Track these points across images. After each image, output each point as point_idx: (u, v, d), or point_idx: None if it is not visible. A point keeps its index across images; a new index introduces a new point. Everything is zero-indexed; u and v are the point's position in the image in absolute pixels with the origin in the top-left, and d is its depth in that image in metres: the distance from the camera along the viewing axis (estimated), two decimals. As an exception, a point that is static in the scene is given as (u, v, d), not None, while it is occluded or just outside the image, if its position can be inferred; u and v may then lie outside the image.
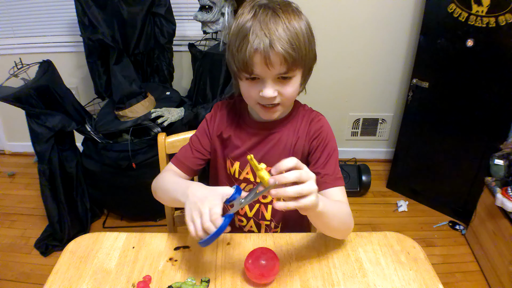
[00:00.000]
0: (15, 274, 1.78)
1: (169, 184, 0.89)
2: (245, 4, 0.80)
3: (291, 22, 0.76)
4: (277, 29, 0.74)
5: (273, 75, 0.78)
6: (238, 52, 0.78)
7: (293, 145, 0.93)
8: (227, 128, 0.96)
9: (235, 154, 0.95)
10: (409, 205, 2.25)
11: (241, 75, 0.82)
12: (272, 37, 0.74)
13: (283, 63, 0.76)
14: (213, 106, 1.00)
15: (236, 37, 0.78)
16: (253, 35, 0.75)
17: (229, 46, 0.82)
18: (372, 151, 2.67)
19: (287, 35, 0.75)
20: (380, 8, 2.17)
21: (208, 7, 1.84)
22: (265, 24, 0.74)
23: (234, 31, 0.79)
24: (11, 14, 2.30)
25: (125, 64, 1.92)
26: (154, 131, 1.92)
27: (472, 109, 1.90)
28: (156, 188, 0.94)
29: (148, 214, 2.11)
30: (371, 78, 2.40)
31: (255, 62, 0.76)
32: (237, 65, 0.79)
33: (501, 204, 1.61)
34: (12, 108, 1.71)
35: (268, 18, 0.75)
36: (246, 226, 1.02)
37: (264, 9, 0.76)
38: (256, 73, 0.79)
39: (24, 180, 2.48)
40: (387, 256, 0.86)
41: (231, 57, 0.81)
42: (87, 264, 0.83)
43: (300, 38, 0.77)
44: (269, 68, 0.76)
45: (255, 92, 0.82)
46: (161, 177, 0.94)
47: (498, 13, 1.65)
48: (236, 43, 0.78)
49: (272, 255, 0.78)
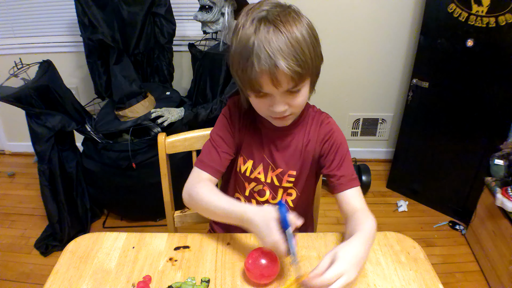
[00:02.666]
0: (15, 274, 1.78)
1: (213, 201, 0.85)
2: (244, 14, 0.77)
3: (293, 34, 0.73)
4: (280, 47, 0.72)
5: (282, 91, 0.78)
6: (243, 73, 0.76)
7: (304, 147, 0.93)
8: (244, 124, 0.95)
9: (250, 151, 0.95)
10: (409, 205, 2.25)
11: (248, 93, 0.81)
12: (277, 56, 0.71)
13: (290, 80, 0.75)
14: (228, 102, 0.97)
15: (239, 57, 0.76)
16: (256, 56, 0.72)
17: (233, 64, 0.80)
18: (372, 151, 2.67)
19: (291, 51, 0.72)
20: (380, 8, 2.18)
21: (208, 7, 1.84)
22: (268, 42, 0.72)
23: (236, 49, 0.77)
24: (11, 14, 2.30)
25: (125, 64, 1.92)
26: (154, 131, 1.92)
27: (472, 109, 1.90)
28: (192, 201, 0.90)
29: (148, 214, 2.11)
30: (371, 78, 2.40)
31: (262, 83, 0.75)
32: (243, 84, 0.79)
33: (501, 204, 1.61)
34: (12, 108, 1.71)
35: (270, 36, 0.72)
36: None
37: (265, 24, 0.73)
38: (265, 91, 0.78)
39: (24, 180, 2.48)
40: (387, 256, 0.86)
41: (236, 75, 0.80)
42: (87, 264, 0.83)
43: (305, 51, 0.74)
44: (277, 87, 0.76)
45: (264, 107, 0.82)
46: (199, 191, 0.88)
47: (498, 13, 1.65)
48: (240, 64, 0.76)
49: (272, 255, 0.78)
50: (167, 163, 1.11)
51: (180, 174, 1.48)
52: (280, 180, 0.95)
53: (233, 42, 0.78)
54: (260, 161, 0.94)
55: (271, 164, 0.94)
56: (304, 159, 0.94)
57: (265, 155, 0.94)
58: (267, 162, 0.94)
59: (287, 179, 0.95)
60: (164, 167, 1.10)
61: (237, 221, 0.80)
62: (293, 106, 0.82)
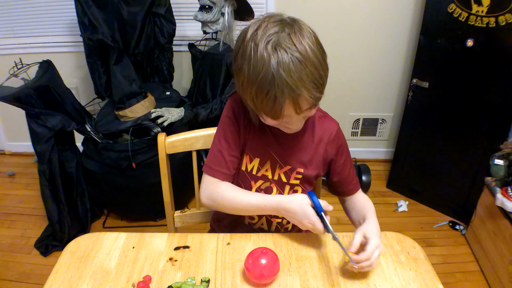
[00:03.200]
0: (15, 274, 1.78)
1: (242, 199, 0.91)
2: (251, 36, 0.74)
3: (309, 57, 0.72)
4: (301, 77, 0.71)
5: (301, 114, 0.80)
6: (262, 103, 0.75)
7: (315, 145, 0.95)
8: (248, 123, 0.94)
9: (256, 149, 0.94)
10: (409, 205, 2.25)
11: (264, 117, 0.81)
12: (300, 88, 0.72)
13: (312, 104, 0.77)
14: (230, 100, 0.95)
15: (257, 88, 0.74)
16: (279, 90, 0.71)
17: (245, 90, 0.77)
18: (372, 151, 2.67)
19: (311, 79, 0.73)
20: (380, 8, 2.18)
21: (208, 7, 1.84)
22: (288, 74, 0.70)
23: (251, 76, 0.73)
24: (11, 14, 2.30)
25: (125, 64, 1.92)
26: (154, 131, 1.92)
27: (472, 109, 1.90)
28: (217, 204, 0.93)
29: (148, 214, 2.11)
30: (371, 78, 2.40)
31: (284, 111, 0.76)
32: (260, 111, 0.79)
33: (501, 204, 1.61)
34: (12, 108, 1.71)
35: (288, 65, 0.70)
36: (256, 224, 1.02)
37: (280, 51, 0.71)
38: (285, 116, 0.78)
39: (24, 180, 2.48)
40: (387, 256, 0.86)
41: (251, 102, 0.78)
42: (87, 264, 0.83)
43: (321, 73, 0.75)
44: (298, 113, 0.77)
45: (280, 124, 0.84)
46: (223, 193, 0.92)
47: (498, 13, 1.65)
48: (258, 95, 0.74)
49: (272, 255, 0.78)
50: (167, 163, 1.11)
51: (180, 174, 1.49)
52: (288, 177, 0.96)
53: (245, 68, 0.75)
54: (267, 159, 0.94)
55: (279, 162, 0.94)
56: (313, 157, 0.95)
57: (273, 152, 0.94)
58: (275, 160, 0.94)
59: (295, 176, 0.95)
60: (164, 167, 1.10)
61: (272, 212, 0.88)
62: (306, 118, 0.86)
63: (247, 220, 1.02)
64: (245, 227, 1.03)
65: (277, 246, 0.89)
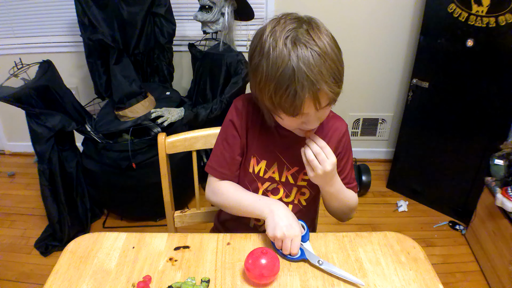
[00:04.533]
0: (15, 274, 1.78)
1: (240, 197, 0.94)
2: (269, 33, 0.74)
3: (328, 52, 0.72)
4: (321, 71, 0.71)
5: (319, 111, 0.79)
6: (282, 100, 0.74)
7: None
8: (253, 125, 0.94)
9: (263, 151, 0.94)
10: (409, 205, 2.25)
11: (282, 115, 0.80)
12: (320, 82, 0.71)
13: (330, 100, 0.77)
14: (234, 104, 0.95)
15: (276, 84, 0.73)
16: (300, 84, 0.71)
17: (263, 88, 0.76)
18: (372, 151, 2.67)
19: (330, 73, 0.72)
20: (380, 8, 2.18)
21: (208, 7, 1.84)
22: (308, 68, 0.70)
23: (270, 73, 0.73)
24: (11, 14, 2.30)
25: (125, 64, 1.92)
26: (154, 131, 1.92)
27: (472, 109, 1.90)
28: (222, 204, 0.97)
29: (148, 214, 2.11)
30: (371, 78, 2.40)
31: (304, 107, 0.75)
32: (280, 110, 0.77)
33: (501, 204, 1.61)
34: (12, 108, 1.71)
35: (308, 60, 0.70)
36: (262, 226, 1.00)
37: (300, 46, 0.71)
38: (303, 113, 0.77)
39: (24, 180, 2.48)
40: (387, 256, 0.86)
41: (269, 100, 0.77)
42: (87, 264, 0.83)
43: (339, 68, 0.75)
44: (318, 108, 0.76)
45: (296, 124, 0.83)
46: (225, 194, 0.96)
47: (498, 13, 1.65)
48: (278, 91, 0.73)
49: (272, 255, 0.78)
50: (167, 163, 1.11)
51: (180, 174, 1.49)
52: (295, 178, 0.96)
53: (263, 65, 0.74)
54: (274, 160, 0.94)
55: (286, 163, 0.94)
56: None
57: (280, 154, 0.94)
58: (282, 161, 0.94)
59: (303, 177, 0.95)
60: (164, 167, 1.10)
61: (263, 208, 0.88)
62: (321, 119, 0.84)
63: (252, 223, 1.02)
64: (250, 229, 1.02)
65: (277, 246, 0.89)
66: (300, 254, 0.83)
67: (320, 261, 0.82)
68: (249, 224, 1.02)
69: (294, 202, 0.98)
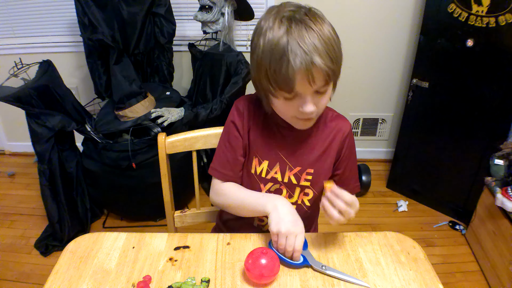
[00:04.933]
0: (15, 274, 1.78)
1: (243, 196, 0.94)
2: (267, 16, 0.78)
3: (324, 32, 0.74)
4: (315, 44, 0.72)
5: (313, 90, 0.78)
6: (276, 72, 0.74)
7: (326, 146, 0.94)
8: (254, 125, 0.94)
9: (265, 152, 0.94)
10: (409, 205, 2.25)
11: (278, 94, 0.79)
12: (313, 53, 0.72)
13: (324, 77, 0.75)
14: (235, 104, 0.96)
15: (270, 56, 0.75)
16: (292, 53, 0.72)
17: (259, 66, 0.78)
18: (372, 151, 2.67)
19: (325, 49, 0.73)
20: (380, 8, 2.18)
21: (208, 7, 1.84)
22: (302, 40, 0.72)
23: (266, 49, 0.75)
24: (11, 14, 2.30)
25: (125, 64, 1.92)
26: (154, 131, 1.92)
27: (472, 109, 1.90)
28: (226, 205, 0.97)
29: (148, 214, 2.11)
30: (371, 78, 2.40)
31: (297, 81, 0.74)
32: (275, 85, 0.77)
33: (501, 204, 1.61)
34: (12, 108, 1.71)
35: (303, 33, 0.72)
36: (266, 225, 1.01)
37: (296, 23, 0.73)
38: (296, 91, 0.77)
39: (24, 180, 2.48)
40: (387, 256, 0.86)
41: (264, 77, 0.78)
42: (87, 264, 0.83)
43: (335, 48, 0.75)
44: (311, 85, 0.75)
45: (292, 109, 0.82)
46: (229, 194, 0.96)
47: (498, 13, 1.65)
48: (272, 63, 0.75)
49: (272, 255, 0.78)
50: (167, 163, 1.11)
51: (180, 174, 1.49)
52: (298, 178, 0.95)
53: (260, 43, 0.77)
54: (276, 161, 0.94)
55: (289, 164, 0.94)
56: (325, 159, 0.94)
57: (282, 154, 0.93)
58: (284, 162, 0.93)
59: (305, 177, 0.94)
60: (164, 167, 1.10)
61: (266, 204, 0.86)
62: (319, 107, 0.82)
63: (256, 222, 1.02)
64: (253, 229, 1.02)
65: (277, 246, 0.89)
66: (303, 260, 0.82)
67: (324, 266, 0.81)
68: (252, 224, 1.02)
69: (297, 202, 0.98)
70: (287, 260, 0.82)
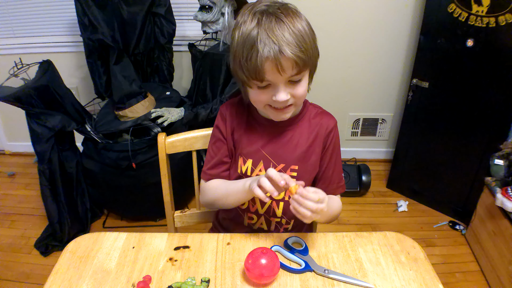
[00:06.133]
0: (15, 274, 1.78)
1: (226, 185, 0.97)
2: (243, 12, 0.81)
3: (295, 25, 0.77)
4: (283, 34, 0.75)
5: (285, 79, 0.80)
6: (247, 62, 0.77)
7: (310, 142, 0.94)
8: (238, 126, 0.97)
9: (248, 151, 0.95)
10: (409, 205, 2.25)
11: (251, 83, 0.82)
12: (281, 43, 0.74)
13: (294, 66, 0.77)
14: (219, 110, 1.00)
15: (243, 47, 0.78)
16: (261, 43, 0.75)
17: (235, 57, 0.81)
18: (372, 151, 2.67)
19: (294, 39, 0.76)
20: (380, 8, 2.17)
21: (208, 7, 1.84)
22: (271, 30, 0.75)
23: (239, 41, 0.79)
24: (11, 14, 2.30)
25: (125, 64, 1.92)
26: (154, 131, 1.92)
27: (472, 109, 1.90)
28: (213, 199, 0.99)
29: (148, 214, 2.11)
30: (371, 78, 2.40)
31: (266, 70, 0.77)
32: (247, 74, 0.79)
33: (501, 204, 1.61)
34: (12, 108, 1.71)
35: (273, 25, 0.75)
36: (256, 224, 1.02)
37: (267, 15, 0.76)
38: (268, 80, 0.79)
39: (24, 180, 2.48)
40: (387, 256, 0.86)
41: (239, 67, 0.81)
42: (87, 264, 0.83)
43: (306, 40, 0.78)
44: (281, 73, 0.77)
45: (266, 98, 0.83)
46: (213, 188, 0.99)
47: (498, 13, 1.65)
48: (244, 54, 0.78)
49: (272, 255, 0.78)
50: (167, 163, 1.11)
51: (180, 174, 1.49)
52: None
53: (235, 36, 0.80)
54: (260, 159, 0.95)
55: (272, 161, 0.94)
56: (309, 155, 0.95)
57: (265, 152, 0.94)
58: (268, 159, 0.94)
59: (290, 174, 0.95)
60: (164, 167, 1.10)
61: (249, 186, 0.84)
62: (295, 96, 0.83)
63: (246, 221, 1.03)
64: (245, 228, 1.03)
65: (277, 246, 0.89)
66: (305, 265, 0.82)
67: (326, 270, 0.81)
68: (243, 223, 1.03)
69: (284, 198, 0.98)
70: (289, 266, 0.82)
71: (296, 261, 0.84)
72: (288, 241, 0.89)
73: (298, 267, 0.82)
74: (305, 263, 0.83)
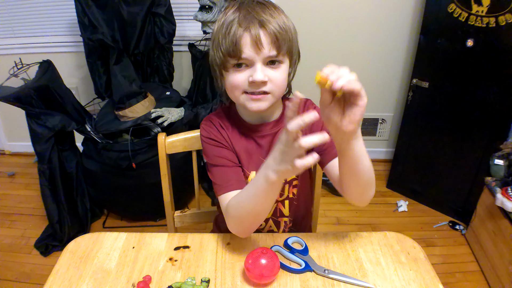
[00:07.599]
0: (15, 274, 1.78)
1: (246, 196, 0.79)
2: (228, 6, 0.82)
3: (277, 10, 0.79)
4: (264, 12, 0.76)
5: (263, 57, 0.77)
6: (225, 38, 0.77)
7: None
8: (235, 140, 0.91)
9: (248, 163, 0.92)
10: (409, 205, 2.25)
11: (227, 64, 0.79)
12: (261, 18, 0.75)
13: (273, 42, 0.76)
14: (200, 127, 0.94)
15: (221, 28, 0.78)
16: (241, 18, 0.76)
17: (213, 41, 0.81)
18: (372, 151, 2.67)
19: (273, 20, 0.76)
20: (380, 8, 2.18)
21: (208, 7, 1.84)
22: (252, 9, 0.77)
23: (219, 26, 0.80)
24: (11, 14, 2.30)
25: (125, 64, 1.92)
26: (154, 131, 1.92)
27: (472, 109, 1.90)
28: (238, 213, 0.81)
29: (148, 214, 2.11)
30: (371, 78, 2.39)
31: (243, 44, 0.75)
32: (225, 51, 0.77)
33: (501, 204, 1.61)
34: (12, 108, 1.71)
35: (254, 5, 0.77)
36: (265, 228, 1.01)
37: (247, 2, 0.79)
38: (245, 57, 0.76)
39: (24, 180, 2.48)
40: (387, 256, 0.86)
41: (216, 48, 0.80)
42: (87, 264, 0.83)
43: (286, 24, 0.78)
44: (259, 48, 0.75)
45: (243, 80, 0.79)
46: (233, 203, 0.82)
47: (498, 13, 1.65)
48: (222, 31, 0.78)
49: (272, 255, 0.78)
50: (167, 163, 1.11)
51: (180, 174, 1.49)
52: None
53: (216, 27, 0.81)
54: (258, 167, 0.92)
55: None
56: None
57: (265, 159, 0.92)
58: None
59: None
60: (164, 167, 1.10)
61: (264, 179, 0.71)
62: (272, 81, 0.79)
63: None
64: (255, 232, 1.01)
65: (277, 246, 0.89)
66: (305, 265, 0.82)
67: (326, 270, 0.81)
68: None
69: (289, 197, 0.98)
70: (289, 266, 0.82)
71: (296, 261, 0.84)
72: (288, 241, 0.89)
73: (298, 267, 0.82)
74: (305, 263, 0.83)
